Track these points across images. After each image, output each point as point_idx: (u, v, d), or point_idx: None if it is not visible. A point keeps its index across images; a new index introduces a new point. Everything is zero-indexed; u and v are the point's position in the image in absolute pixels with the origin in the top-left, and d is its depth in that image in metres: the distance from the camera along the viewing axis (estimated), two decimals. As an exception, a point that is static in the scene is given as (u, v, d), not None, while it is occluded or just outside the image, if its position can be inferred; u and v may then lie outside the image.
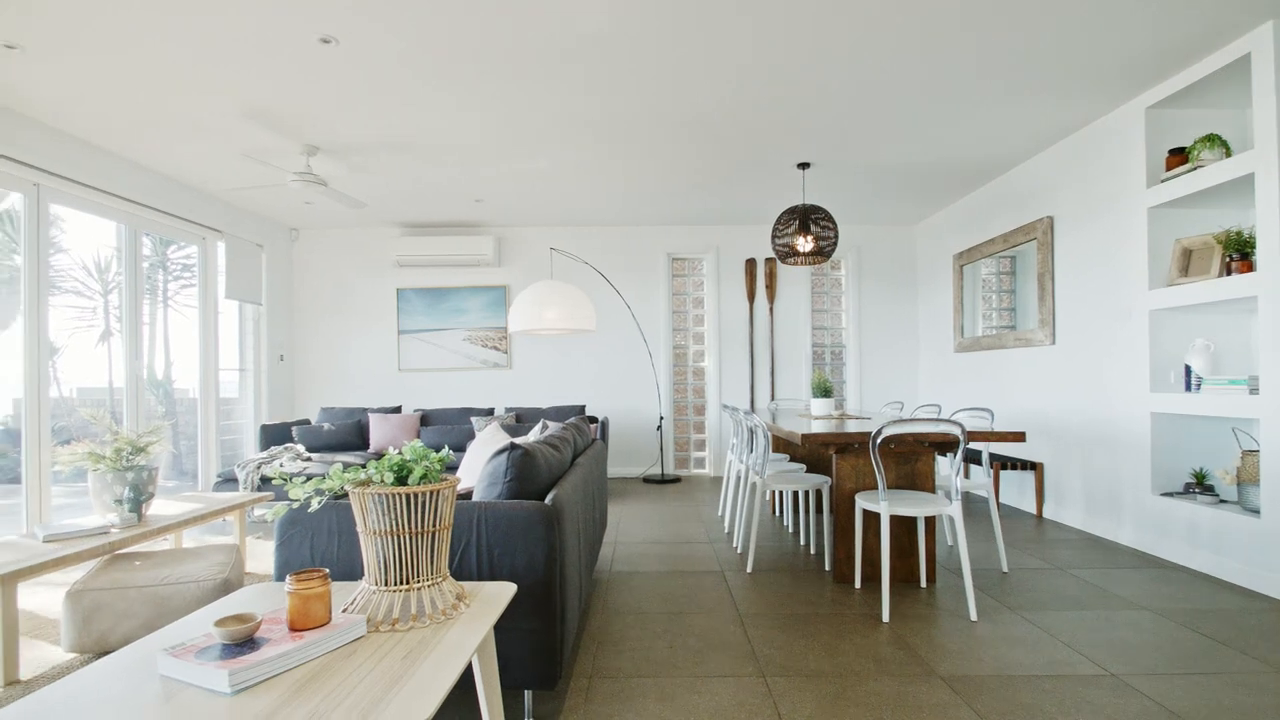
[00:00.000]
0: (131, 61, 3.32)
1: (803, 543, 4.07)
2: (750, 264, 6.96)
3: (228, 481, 4.94)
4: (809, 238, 4.79)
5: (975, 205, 5.82)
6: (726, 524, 4.54)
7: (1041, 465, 4.81)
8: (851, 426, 3.52)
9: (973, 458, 5.16)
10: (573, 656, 2.45)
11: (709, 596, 3.11)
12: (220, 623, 1.29)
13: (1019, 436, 3.12)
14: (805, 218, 4.78)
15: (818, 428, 3.46)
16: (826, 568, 3.54)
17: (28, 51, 3.19)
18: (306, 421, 6.05)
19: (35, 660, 2.47)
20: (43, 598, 3.18)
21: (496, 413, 6.29)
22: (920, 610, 2.90)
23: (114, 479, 2.88)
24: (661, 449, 6.80)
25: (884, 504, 2.84)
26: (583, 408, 6.21)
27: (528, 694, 2.00)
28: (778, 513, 4.94)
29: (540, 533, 1.88)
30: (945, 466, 5.87)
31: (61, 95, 3.68)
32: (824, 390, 4.37)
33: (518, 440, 2.27)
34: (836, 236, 4.84)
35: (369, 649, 1.33)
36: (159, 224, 5.11)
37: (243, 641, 1.28)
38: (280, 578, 1.94)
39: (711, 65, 3.42)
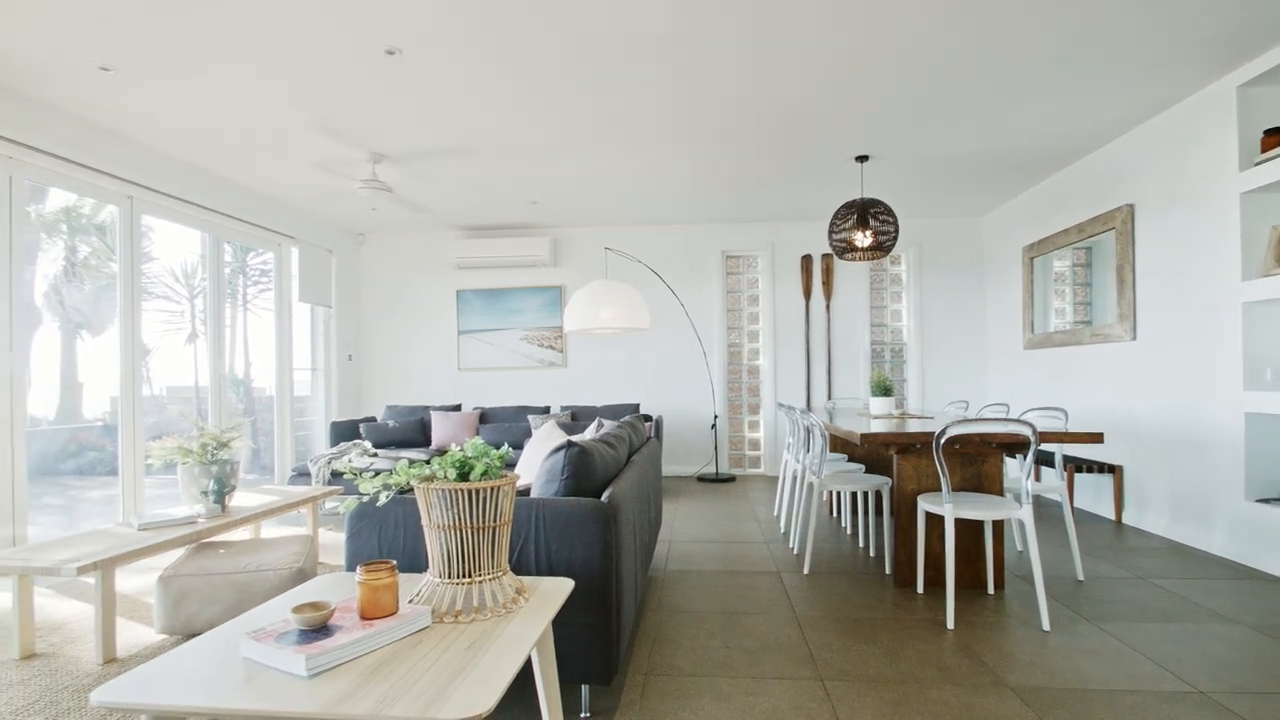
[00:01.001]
0: (212, 81, 3.52)
1: (861, 545, 3.98)
2: (806, 260, 6.84)
3: (301, 475, 5.19)
4: (868, 232, 4.67)
5: (1047, 194, 5.55)
6: (782, 524, 4.48)
7: (1121, 468, 4.55)
8: (913, 426, 3.42)
9: (1045, 460, 4.92)
10: (628, 653, 2.47)
11: (765, 597, 3.08)
12: (297, 610, 1.36)
13: (1096, 437, 2.97)
14: (864, 212, 4.66)
15: (877, 427, 3.38)
16: (887, 571, 3.45)
17: (121, 74, 3.44)
18: (373, 419, 6.30)
19: (131, 640, 2.66)
20: (136, 582, 3.42)
21: (552, 411, 6.40)
22: (988, 618, 2.80)
23: (200, 472, 3.07)
24: (716, 448, 6.76)
25: (948, 506, 2.75)
26: (637, 406, 6.24)
27: (585, 688, 2.03)
28: (835, 513, 4.85)
29: (597, 530, 1.91)
30: (1014, 469, 5.63)
31: (151, 113, 3.94)
32: (884, 389, 4.26)
33: (574, 438, 2.31)
34: (897, 231, 4.70)
35: (434, 639, 1.38)
36: (238, 232, 5.41)
37: (317, 628, 1.35)
38: (351, 568, 2.03)
39: (771, 59, 3.38)
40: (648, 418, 5.96)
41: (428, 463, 1.59)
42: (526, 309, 7.07)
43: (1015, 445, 3.12)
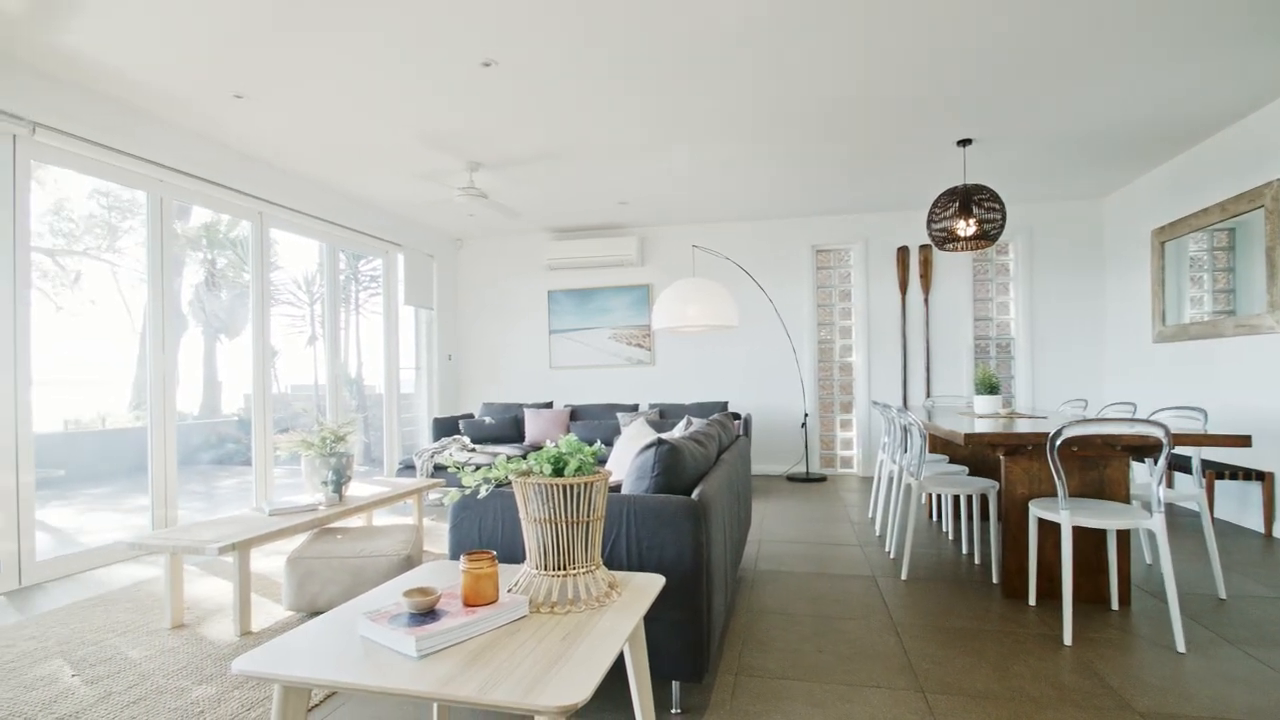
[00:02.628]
0: (328, 103, 3.81)
1: (965, 551, 3.77)
2: (902, 253, 6.55)
3: (407, 468, 5.52)
4: (971, 221, 4.41)
5: (1180, 171, 5.02)
6: (878, 527, 4.32)
7: (1271, 475, 4.06)
8: (1023, 426, 3.20)
9: (1179, 465, 4.47)
10: (719, 652, 2.46)
11: (860, 602, 2.98)
12: (408, 594, 1.45)
13: (1242, 441, 2.66)
14: (966, 199, 4.40)
15: (982, 427, 3.18)
16: (994, 580, 3.25)
17: (251, 100, 3.78)
18: (470, 415, 6.60)
19: (263, 615, 2.93)
20: (266, 563, 3.76)
21: (641, 408, 6.46)
22: (1111, 635, 2.58)
23: (320, 464, 3.33)
24: (806, 446, 6.60)
25: (1065, 513, 2.56)
26: (725, 404, 6.20)
27: (675, 684, 2.04)
28: (935, 517, 4.61)
29: (688, 527, 1.91)
30: (1142, 474, 5.14)
31: (277, 135, 4.31)
32: (989, 386, 4.01)
33: (664, 435, 2.33)
34: (1003, 217, 4.41)
35: (531, 628, 1.44)
36: (351, 241, 5.82)
37: (425, 612, 1.44)
38: (454, 557, 2.15)
39: (866, 41, 3.26)
40: (736, 415, 5.91)
41: (524, 458, 1.66)
42: (615, 308, 7.17)
43: (1144, 448, 2.86)
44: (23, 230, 3.37)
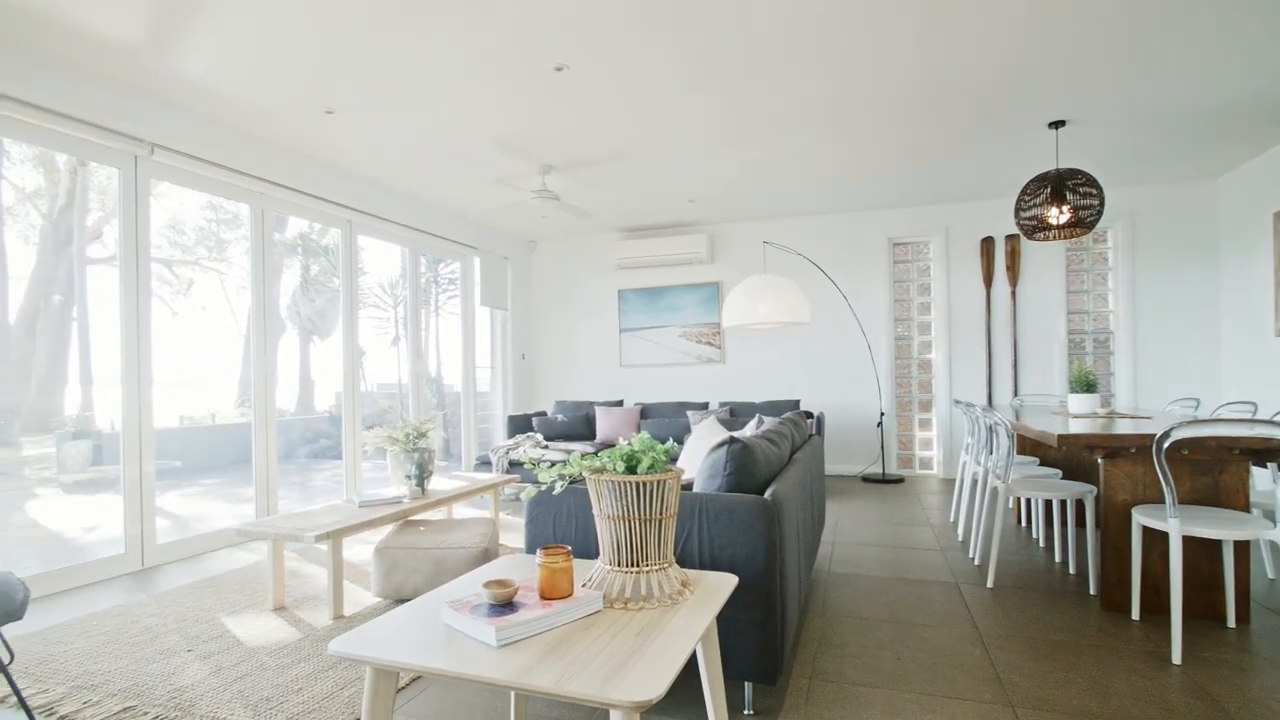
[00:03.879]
0: (409, 115, 3.99)
1: (1058, 559, 3.55)
2: (987, 244, 6.22)
3: (483, 464, 5.71)
4: (1064, 208, 4.14)
5: (1309, 148, 4.54)
6: (960, 531, 4.13)
7: None
8: (1123, 427, 2.98)
9: (1308, 470, 4.04)
10: (792, 654, 2.42)
11: (941, 609, 2.87)
12: (487, 585, 1.50)
13: (1385, 446, 2.38)
14: (1059, 184, 4.14)
15: (1078, 427, 2.99)
16: (1091, 591, 3.05)
17: (340, 115, 4.01)
18: (543, 413, 6.76)
19: (353, 600, 3.10)
20: (352, 551, 3.98)
21: (711, 407, 6.43)
22: (1227, 655, 2.37)
23: (404, 458, 3.50)
24: (883, 446, 6.39)
25: (1173, 522, 2.37)
26: (797, 402, 6.08)
27: (748, 685, 2.03)
28: (1024, 523, 4.37)
29: (761, 527, 1.90)
30: (1264, 480, 4.69)
31: (365, 146, 4.55)
32: (1086, 384, 3.76)
33: (736, 434, 2.31)
34: (1101, 203, 4.12)
35: (605, 623, 1.46)
36: (431, 245, 6.08)
37: (504, 603, 1.49)
38: (530, 550, 2.21)
39: (946, 20, 3.12)
40: (809, 414, 5.79)
41: (596, 455, 1.68)
42: (684, 306, 7.17)
43: (1266, 452, 2.61)
44: (144, 243, 3.70)
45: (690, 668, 1.97)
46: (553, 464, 1.65)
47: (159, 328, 3.82)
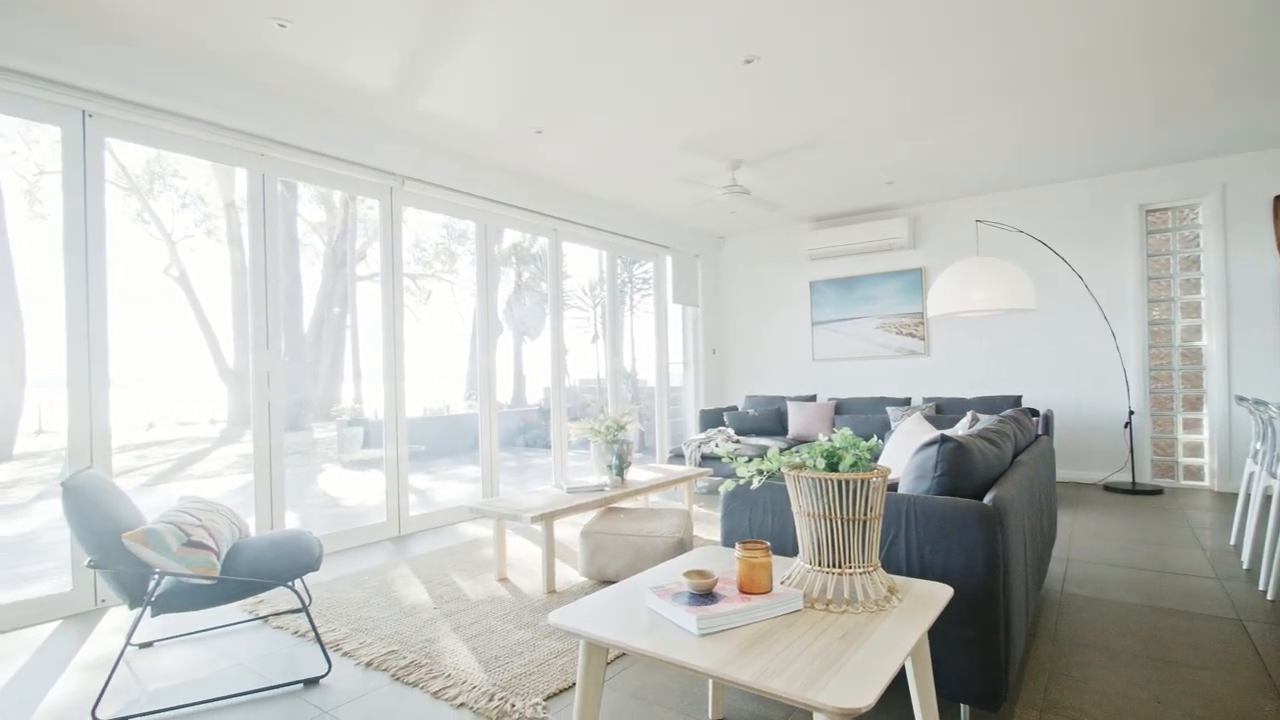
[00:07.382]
0: (606, 125, 4.23)
1: (1402, 604, 2.76)
2: (1279, 202, 5.00)
3: (676, 457, 5.89)
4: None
5: None
6: (1245, 556, 3.38)
7: None
8: None
9: None
10: (1017, 681, 2.18)
11: (1218, 648, 2.38)
12: (687, 574, 1.56)
13: None
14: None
15: None
16: None
17: (548, 133, 4.38)
18: (734, 408, 6.78)
19: (562, 579, 3.38)
20: (560, 533, 4.33)
21: (913, 403, 5.97)
22: None
23: (605, 449, 3.73)
24: (1132, 450, 5.44)
25: None
26: (1018, 399, 5.42)
27: (964, 709, 1.86)
28: (1347, 554, 3.45)
29: (979, 535, 1.73)
30: None
31: (568, 160, 4.93)
32: None
33: (948, 432, 2.13)
34: None
35: (806, 623, 1.44)
36: (626, 247, 6.39)
37: (704, 594, 1.53)
38: (726, 543, 2.24)
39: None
40: (1034, 412, 5.12)
41: (794, 451, 1.66)
42: (881, 295, 6.73)
43: None
44: (398, 261, 4.38)
45: (896, 680, 1.86)
46: (749, 459, 1.67)
47: (406, 332, 4.49)
